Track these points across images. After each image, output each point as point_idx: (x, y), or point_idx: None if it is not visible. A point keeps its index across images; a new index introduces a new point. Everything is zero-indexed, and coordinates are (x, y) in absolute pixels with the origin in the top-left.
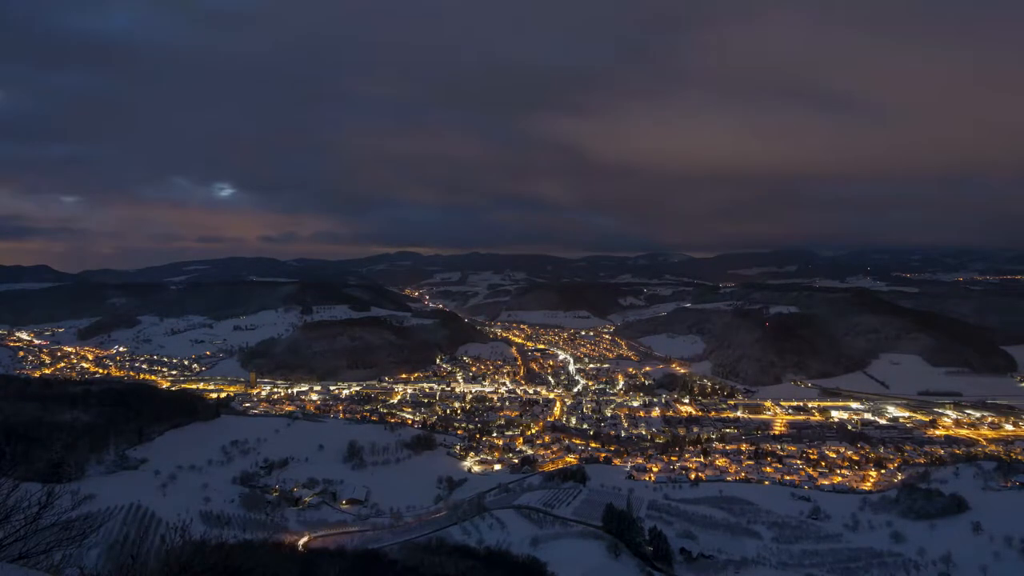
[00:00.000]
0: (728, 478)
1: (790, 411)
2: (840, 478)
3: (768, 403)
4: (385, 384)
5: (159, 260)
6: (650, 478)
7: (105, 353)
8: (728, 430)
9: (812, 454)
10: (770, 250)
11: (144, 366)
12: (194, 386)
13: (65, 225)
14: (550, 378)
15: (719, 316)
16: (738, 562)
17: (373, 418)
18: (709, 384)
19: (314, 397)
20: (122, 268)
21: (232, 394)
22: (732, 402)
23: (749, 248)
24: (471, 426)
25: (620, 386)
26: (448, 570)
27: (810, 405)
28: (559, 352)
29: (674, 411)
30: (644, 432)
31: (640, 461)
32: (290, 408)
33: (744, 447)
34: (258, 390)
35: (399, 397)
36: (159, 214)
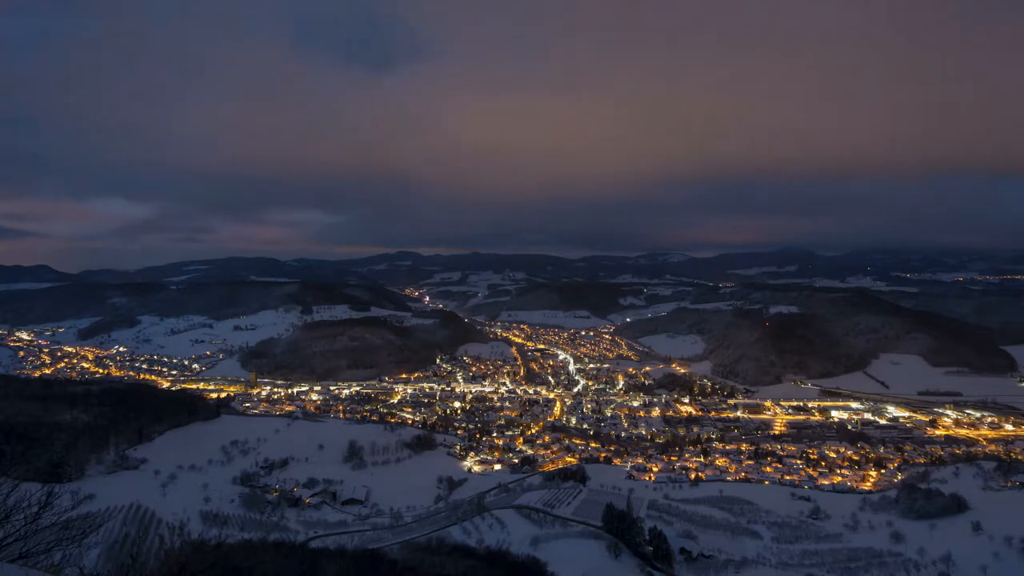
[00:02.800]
0: (728, 478)
1: (790, 411)
2: (840, 478)
3: (768, 403)
4: (385, 384)
5: (159, 260)
6: (650, 478)
7: (105, 353)
8: (728, 430)
9: (812, 454)
10: (770, 250)
11: (144, 366)
12: (194, 386)
13: None
14: (550, 378)
15: (719, 316)
16: (738, 562)
17: (373, 418)
18: (709, 384)
19: (314, 397)
20: (122, 268)
21: (232, 394)
22: (732, 402)
23: (749, 248)
24: (471, 426)
25: (620, 386)
26: (448, 570)
27: (810, 405)
28: (559, 352)
29: (674, 411)
30: (644, 432)
31: (640, 461)
32: (290, 408)
33: (744, 447)
34: (258, 390)
35: (399, 397)
36: None
